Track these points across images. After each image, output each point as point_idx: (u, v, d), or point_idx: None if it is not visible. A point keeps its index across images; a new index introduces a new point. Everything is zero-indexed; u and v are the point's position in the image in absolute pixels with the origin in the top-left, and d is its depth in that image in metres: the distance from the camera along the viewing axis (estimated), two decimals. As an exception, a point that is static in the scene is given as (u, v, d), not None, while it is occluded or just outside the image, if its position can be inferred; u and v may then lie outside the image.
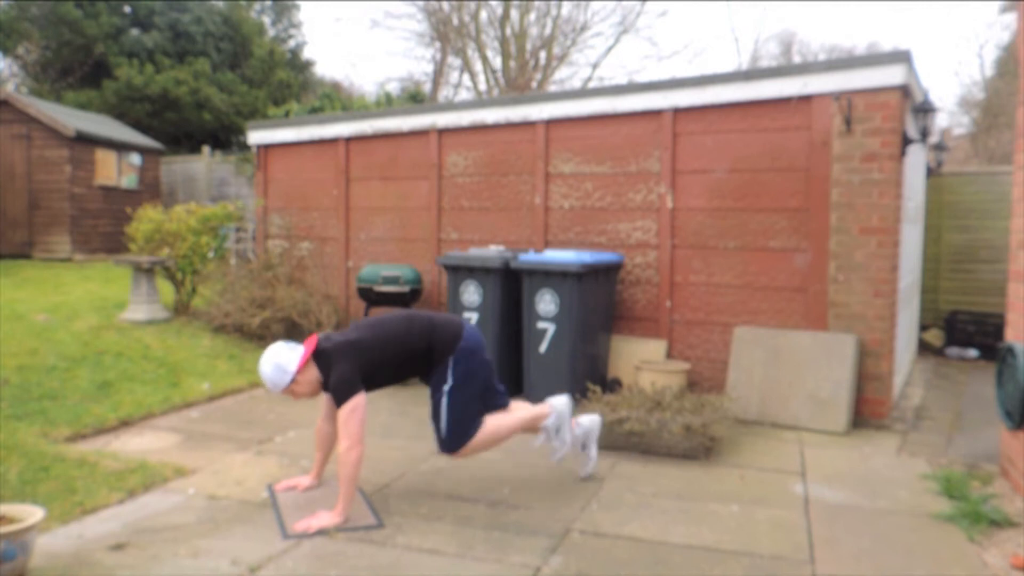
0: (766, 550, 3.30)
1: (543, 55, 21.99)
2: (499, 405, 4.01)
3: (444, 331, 3.78)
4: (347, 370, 3.53)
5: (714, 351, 6.03)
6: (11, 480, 3.80)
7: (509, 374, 6.01)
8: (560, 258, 5.71)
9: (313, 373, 3.64)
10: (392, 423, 5.21)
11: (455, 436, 3.74)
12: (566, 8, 23.45)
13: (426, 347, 3.74)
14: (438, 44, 22.86)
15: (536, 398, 5.70)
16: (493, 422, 3.85)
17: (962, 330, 8.42)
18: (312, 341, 3.67)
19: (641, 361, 5.93)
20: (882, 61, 5.40)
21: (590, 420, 4.22)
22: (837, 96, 5.46)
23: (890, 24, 36.58)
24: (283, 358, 3.60)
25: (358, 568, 3.06)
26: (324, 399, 3.86)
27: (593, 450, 4.18)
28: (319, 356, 3.63)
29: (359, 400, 3.50)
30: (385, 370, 3.71)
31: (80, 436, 4.80)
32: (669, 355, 6.19)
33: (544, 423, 3.98)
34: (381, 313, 3.87)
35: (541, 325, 5.79)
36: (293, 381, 3.60)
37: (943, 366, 7.85)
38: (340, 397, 3.50)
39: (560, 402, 4.04)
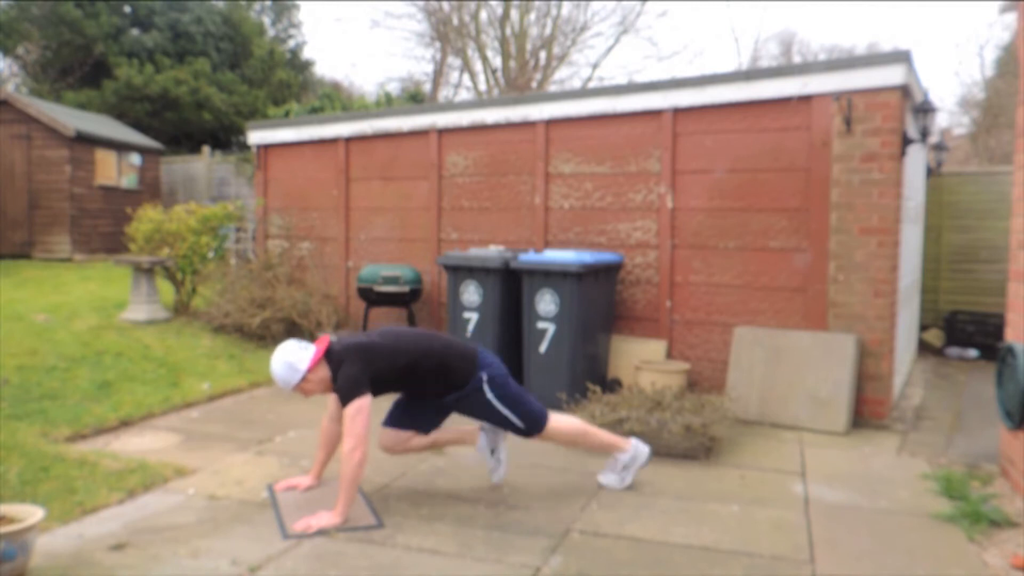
0: (766, 550, 3.30)
1: (543, 55, 21.99)
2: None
3: (460, 353, 3.79)
4: (355, 371, 3.53)
5: (714, 351, 6.03)
6: (11, 480, 3.80)
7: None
8: (560, 258, 5.71)
9: (324, 372, 3.64)
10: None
11: (531, 418, 3.84)
12: (566, 8, 23.49)
13: (438, 367, 3.73)
14: (438, 44, 22.86)
15: (536, 398, 5.70)
16: (581, 426, 4.00)
17: (962, 330, 8.41)
18: (324, 340, 3.68)
19: (641, 361, 5.93)
20: (882, 61, 5.40)
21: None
22: (837, 96, 5.46)
23: (890, 24, 36.62)
24: (294, 356, 3.60)
25: (358, 568, 3.06)
26: (332, 399, 3.85)
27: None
28: (330, 356, 3.64)
29: (365, 401, 3.50)
30: (391, 381, 3.70)
31: (80, 436, 4.80)
32: (669, 355, 6.19)
33: (617, 455, 4.04)
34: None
35: (541, 325, 5.79)
36: (304, 379, 3.61)
37: (943, 366, 7.85)
38: (346, 397, 3.50)
39: (639, 443, 4.10)
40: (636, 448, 4.08)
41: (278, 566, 3.06)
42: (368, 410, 3.50)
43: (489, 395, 3.77)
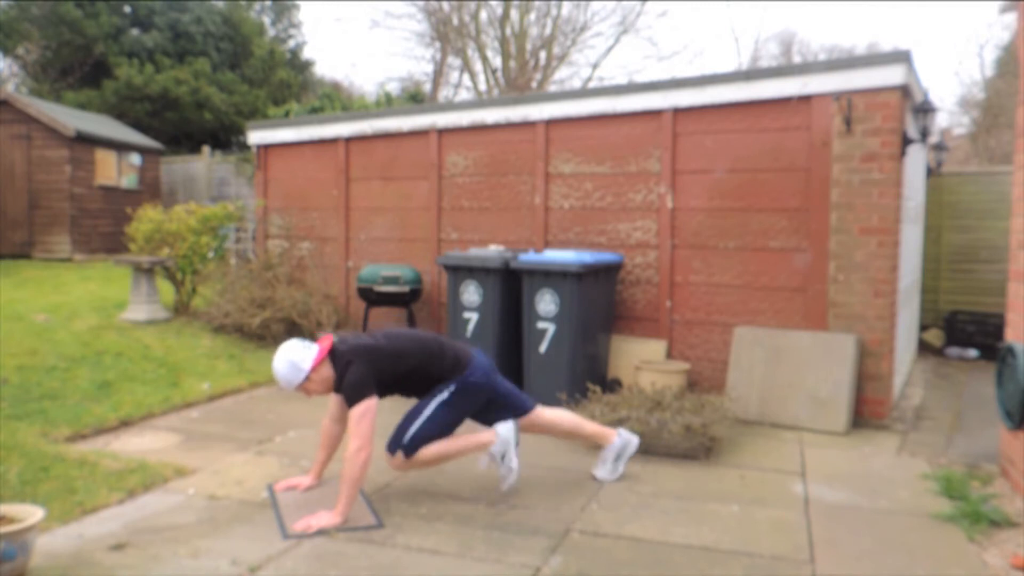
0: (766, 550, 3.30)
1: (543, 55, 22.00)
2: (524, 409, 4.05)
3: (451, 359, 3.80)
4: (362, 372, 3.54)
5: (714, 351, 6.03)
6: (11, 480, 3.80)
7: (509, 374, 5.98)
8: (560, 258, 5.71)
9: (327, 372, 3.64)
10: (392, 423, 5.19)
11: (416, 442, 3.71)
12: (566, 8, 23.50)
13: (431, 371, 3.77)
14: (438, 44, 22.86)
15: (536, 398, 5.70)
16: (441, 443, 3.81)
17: (962, 330, 8.41)
18: (327, 340, 3.68)
19: (641, 361, 5.93)
20: (882, 61, 5.40)
21: (629, 436, 4.23)
22: (837, 96, 5.46)
23: (890, 24, 36.63)
24: (297, 356, 3.60)
25: (358, 568, 3.06)
26: (333, 399, 3.85)
27: (622, 466, 4.21)
28: (334, 356, 3.64)
29: (371, 402, 3.51)
30: (389, 382, 3.72)
31: (80, 436, 4.80)
32: (669, 355, 6.19)
33: (489, 449, 3.88)
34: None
35: (541, 325, 5.79)
36: (307, 379, 3.61)
37: (943, 366, 7.85)
38: (353, 398, 3.51)
39: (505, 429, 3.90)
40: (500, 435, 3.89)
41: (278, 566, 3.06)
42: (374, 411, 3.51)
43: (439, 396, 3.76)
